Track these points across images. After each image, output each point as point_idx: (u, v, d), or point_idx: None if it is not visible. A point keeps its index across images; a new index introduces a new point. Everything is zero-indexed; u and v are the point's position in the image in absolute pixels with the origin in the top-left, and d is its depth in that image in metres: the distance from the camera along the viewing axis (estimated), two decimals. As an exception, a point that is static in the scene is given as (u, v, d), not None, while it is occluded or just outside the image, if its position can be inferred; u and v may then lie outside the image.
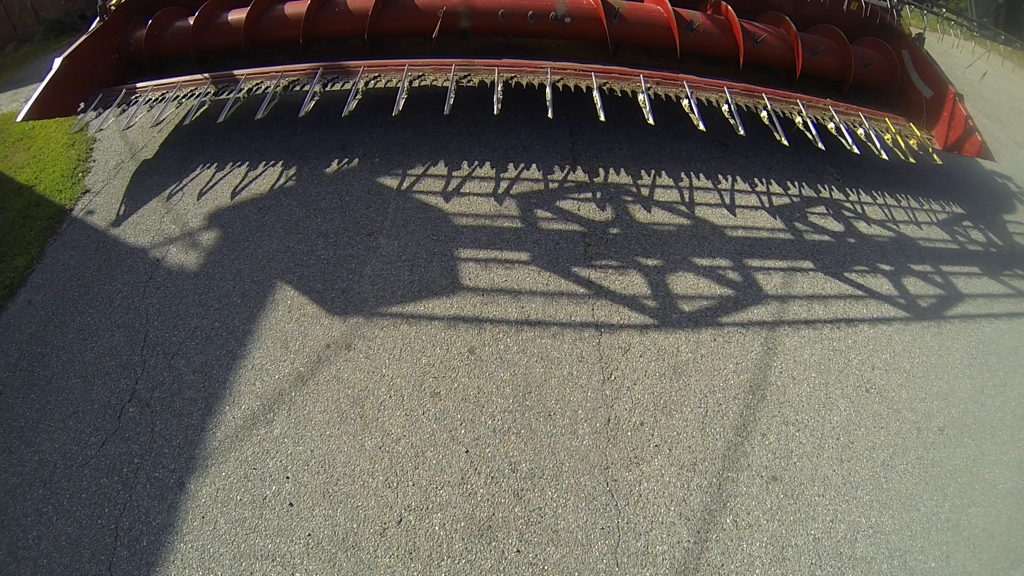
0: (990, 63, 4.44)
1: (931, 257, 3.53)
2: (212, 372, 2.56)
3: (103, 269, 3.19)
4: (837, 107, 3.70)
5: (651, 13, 3.74)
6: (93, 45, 4.10)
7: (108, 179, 4.10)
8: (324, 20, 3.76)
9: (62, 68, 3.89)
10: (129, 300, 2.94)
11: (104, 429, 2.39)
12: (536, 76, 3.36)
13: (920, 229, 3.78)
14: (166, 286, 3.00)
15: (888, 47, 4.19)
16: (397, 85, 3.31)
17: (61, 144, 5.00)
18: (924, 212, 3.98)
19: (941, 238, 3.77)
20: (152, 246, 3.28)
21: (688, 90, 3.35)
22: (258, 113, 3.36)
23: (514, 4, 3.63)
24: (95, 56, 4.11)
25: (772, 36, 3.81)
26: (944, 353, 2.87)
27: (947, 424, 2.55)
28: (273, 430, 2.34)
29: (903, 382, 2.69)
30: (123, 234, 3.44)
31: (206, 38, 3.93)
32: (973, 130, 3.80)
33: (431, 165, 3.49)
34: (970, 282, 3.40)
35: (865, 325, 2.93)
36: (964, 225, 3.99)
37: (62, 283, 3.17)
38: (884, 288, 3.17)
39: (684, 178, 3.59)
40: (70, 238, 3.56)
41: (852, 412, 2.52)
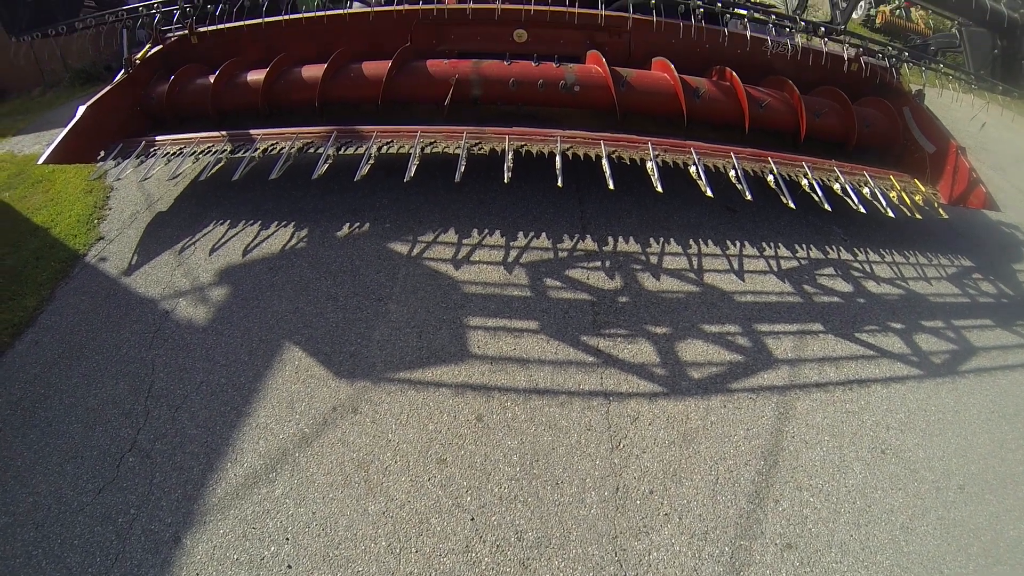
0: (989, 114, 4.53)
1: (942, 312, 3.55)
2: (215, 428, 2.58)
3: (112, 317, 3.26)
4: (842, 167, 3.80)
5: (658, 81, 3.89)
6: (116, 96, 4.29)
7: (123, 228, 4.22)
8: (339, 84, 3.93)
9: (85, 116, 4.06)
10: (136, 349, 3.00)
11: (102, 476, 2.41)
12: (546, 144, 3.48)
13: (930, 285, 3.82)
14: (174, 338, 3.05)
15: (889, 105, 4.32)
16: (409, 151, 3.43)
17: (79, 190, 5.18)
18: (933, 267, 4.03)
19: (951, 292, 3.80)
20: (162, 298, 3.36)
21: (695, 157, 3.46)
22: (272, 173, 3.49)
23: (525, 73, 3.79)
24: (118, 107, 4.30)
25: (776, 100, 3.95)
26: (960, 408, 2.87)
27: (967, 481, 2.53)
28: (275, 490, 2.35)
29: (919, 441, 2.69)
30: (134, 283, 3.53)
31: (225, 97, 4.12)
32: (977, 182, 3.88)
33: (441, 232, 3.58)
34: (983, 335, 3.41)
35: (878, 385, 2.93)
36: (974, 278, 4.03)
37: (70, 327, 3.23)
38: (896, 347, 3.19)
39: (693, 245, 3.67)
40: (81, 283, 3.64)
41: (868, 474, 2.51)
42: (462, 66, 3.83)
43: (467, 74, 3.80)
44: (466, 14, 3.95)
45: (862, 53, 4.23)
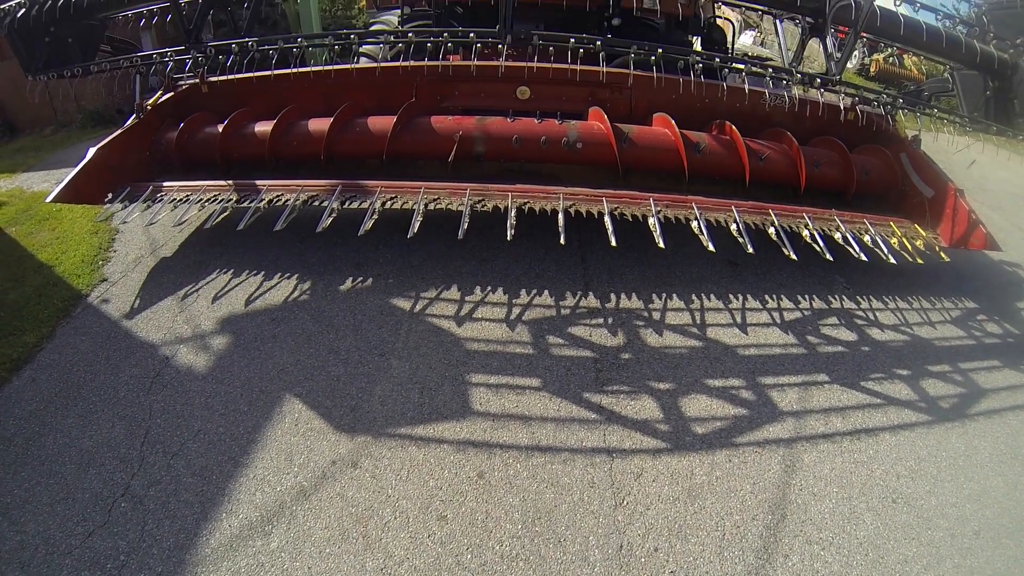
0: (985, 154, 4.61)
1: (948, 356, 3.55)
2: (212, 477, 2.56)
3: (111, 359, 3.28)
4: (842, 216, 3.86)
5: (659, 137, 3.99)
6: (127, 140, 4.39)
7: (126, 271, 4.27)
8: (345, 139, 4.02)
9: (95, 157, 4.15)
10: (134, 394, 3.00)
11: (93, 520, 2.37)
12: (549, 202, 3.55)
13: (935, 329, 3.83)
14: (173, 385, 3.06)
15: (886, 152, 4.41)
16: (413, 207, 3.50)
17: (85, 230, 5.25)
18: (937, 311, 4.05)
19: (957, 335, 3.81)
20: (163, 343, 3.37)
21: (697, 211, 3.52)
22: (277, 224, 3.55)
23: (528, 130, 3.88)
24: (127, 151, 4.40)
25: (776, 152, 4.03)
26: (971, 452, 2.85)
27: (982, 527, 2.49)
28: (270, 543, 2.31)
29: (931, 488, 2.66)
30: (135, 327, 3.55)
31: (233, 146, 4.22)
32: (977, 223, 3.93)
33: (444, 289, 3.62)
34: (991, 376, 3.41)
35: (886, 433, 2.92)
36: (979, 319, 4.04)
37: (69, 366, 3.24)
38: (903, 394, 3.18)
39: (695, 300, 3.70)
40: (83, 323, 3.66)
41: (879, 525, 2.47)
42: (466, 123, 3.93)
43: (471, 131, 3.88)
44: (470, 71, 4.03)
45: (858, 102, 4.32)
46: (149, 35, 6.33)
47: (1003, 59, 4.21)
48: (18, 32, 4.49)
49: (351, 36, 4.13)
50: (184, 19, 4.01)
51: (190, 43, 4.05)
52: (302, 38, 4.02)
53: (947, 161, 4.64)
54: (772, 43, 15.02)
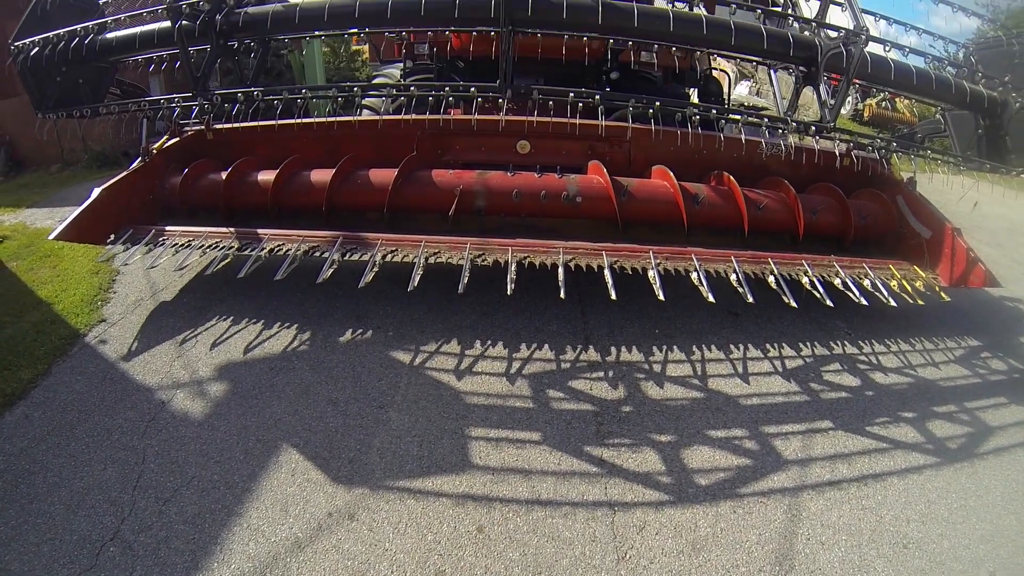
0: (979, 191, 4.68)
1: (954, 396, 3.54)
2: (204, 525, 2.52)
3: (106, 400, 3.27)
4: (841, 262, 3.90)
5: (658, 189, 4.06)
6: (131, 182, 4.47)
7: (125, 313, 4.30)
8: (346, 191, 4.09)
9: (100, 198, 4.22)
10: (128, 437, 2.98)
11: (79, 563, 2.32)
12: (549, 256, 3.60)
13: (939, 370, 3.83)
14: (168, 430, 3.04)
15: (883, 196, 4.48)
16: (413, 260, 3.54)
17: (86, 269, 5.30)
18: (940, 352, 4.05)
19: (961, 375, 3.81)
20: (159, 387, 3.37)
21: (697, 263, 3.56)
22: (278, 274, 3.60)
23: (528, 185, 3.95)
24: (132, 193, 4.47)
25: (774, 201, 4.10)
26: (982, 492, 2.82)
27: (998, 567, 2.45)
28: None
29: (943, 531, 2.61)
30: (132, 370, 3.55)
31: (235, 194, 4.29)
32: (976, 261, 3.96)
33: (444, 343, 3.64)
34: (998, 413, 3.39)
35: (894, 478, 2.88)
36: (983, 357, 4.04)
37: (63, 405, 3.23)
38: (910, 436, 3.17)
39: (696, 351, 3.71)
40: (79, 362, 3.67)
41: (891, 572, 2.41)
42: (467, 177, 4.00)
43: (471, 185, 3.95)
44: (471, 126, 4.12)
45: (853, 147, 4.43)
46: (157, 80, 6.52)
47: (992, 97, 4.31)
48: (31, 70, 4.58)
49: (354, 88, 4.23)
50: (192, 66, 4.08)
51: (197, 90, 4.12)
52: (306, 89, 4.11)
53: (943, 200, 4.71)
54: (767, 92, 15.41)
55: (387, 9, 3.74)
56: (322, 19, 3.87)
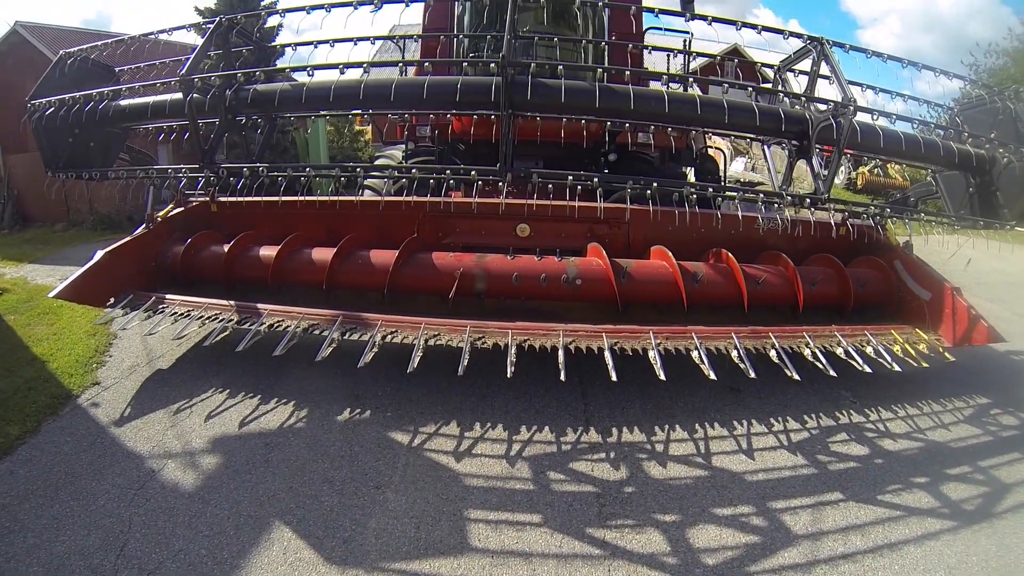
0: (975, 248, 4.68)
1: (966, 457, 3.46)
2: None
3: (94, 464, 3.19)
4: (842, 331, 3.85)
5: (657, 270, 4.07)
6: (134, 248, 4.52)
7: (120, 378, 4.25)
8: (347, 271, 4.11)
9: (102, 261, 4.25)
10: (114, 504, 2.88)
11: None
12: (548, 339, 3.57)
13: (949, 431, 3.75)
14: (156, 499, 2.94)
15: (881, 261, 4.48)
16: (413, 342, 3.51)
17: (83, 330, 5.28)
18: (949, 413, 3.98)
19: (972, 434, 3.73)
20: (150, 456, 3.29)
21: (697, 341, 3.54)
22: (276, 350, 3.56)
23: (528, 268, 3.96)
24: (134, 259, 4.51)
25: (772, 275, 4.10)
26: (1003, 552, 2.70)
27: None
28: None
29: None
30: (123, 435, 3.48)
31: (237, 267, 4.32)
32: (978, 318, 3.93)
33: (443, 424, 3.59)
34: (1013, 470, 3.32)
35: (910, 546, 2.75)
36: (992, 414, 3.97)
37: (50, 465, 3.16)
38: (924, 502, 3.06)
39: (698, 429, 3.65)
40: (69, 423, 3.62)
41: None
42: (467, 260, 4.00)
43: (471, 268, 3.95)
44: (471, 209, 4.15)
45: (848, 217, 4.45)
46: (166, 149, 6.69)
47: (980, 155, 4.37)
48: (45, 128, 4.70)
49: (357, 169, 4.28)
50: (201, 139, 4.16)
51: (204, 162, 4.19)
52: (310, 168, 4.20)
53: (940, 260, 4.74)
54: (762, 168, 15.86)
55: (391, 92, 3.83)
56: (328, 99, 3.94)
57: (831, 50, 4.11)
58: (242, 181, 4.20)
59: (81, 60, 5.00)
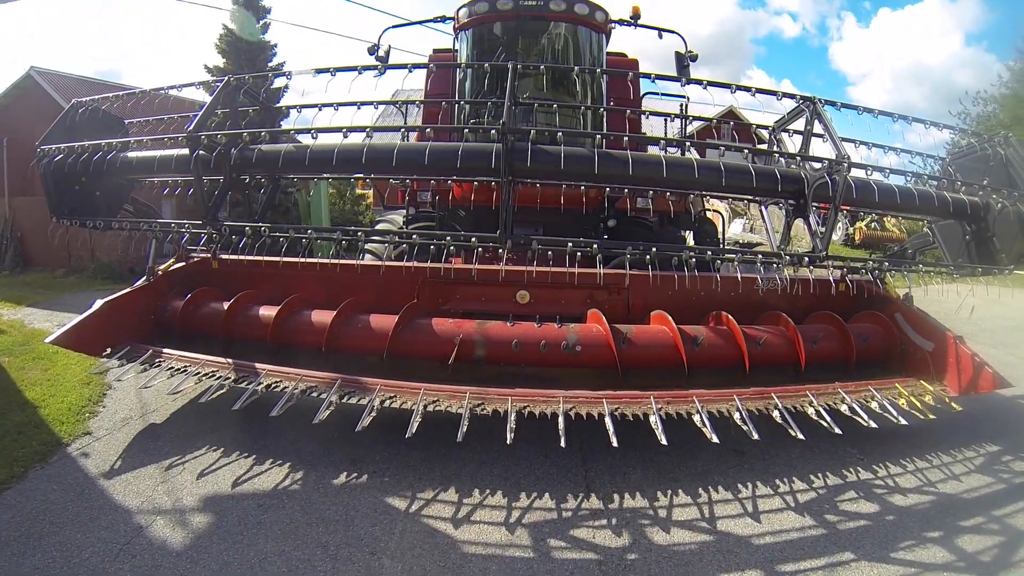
0: (975, 295, 4.68)
1: (979, 507, 3.40)
2: None
3: (81, 516, 3.12)
4: (846, 388, 3.83)
5: (657, 334, 4.06)
6: (134, 300, 4.54)
7: (112, 429, 4.19)
8: (346, 334, 4.10)
9: (101, 310, 4.26)
10: (99, 558, 2.79)
11: None
12: (549, 405, 3.54)
13: (960, 482, 3.70)
14: (143, 556, 2.84)
15: (882, 316, 4.49)
16: (412, 407, 3.49)
17: (78, 378, 5.23)
18: (959, 463, 3.94)
19: (984, 483, 3.69)
20: (138, 511, 3.21)
21: (699, 405, 3.51)
22: (273, 410, 3.52)
23: (527, 335, 3.96)
24: (133, 310, 4.53)
25: (773, 335, 4.10)
26: None
27: None
28: None
29: None
30: (112, 488, 3.41)
31: (236, 325, 4.32)
32: (982, 365, 3.91)
33: (441, 490, 3.53)
34: None
35: None
36: (1004, 461, 3.92)
37: (35, 513, 3.09)
38: (939, 556, 2.97)
39: (702, 493, 3.59)
40: (58, 471, 3.57)
41: None
42: (466, 327, 4.00)
43: (471, 335, 3.95)
44: (471, 275, 4.21)
45: (847, 273, 4.50)
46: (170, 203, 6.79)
47: (975, 203, 4.41)
48: (53, 174, 4.75)
49: (358, 233, 4.30)
50: (205, 195, 4.21)
51: (207, 219, 4.23)
52: (312, 230, 4.23)
53: (942, 310, 4.73)
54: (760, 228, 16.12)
55: (392, 157, 3.89)
56: (331, 162, 4.01)
57: (823, 108, 4.21)
58: (244, 240, 4.24)
59: (92, 110, 5.12)
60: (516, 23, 5.88)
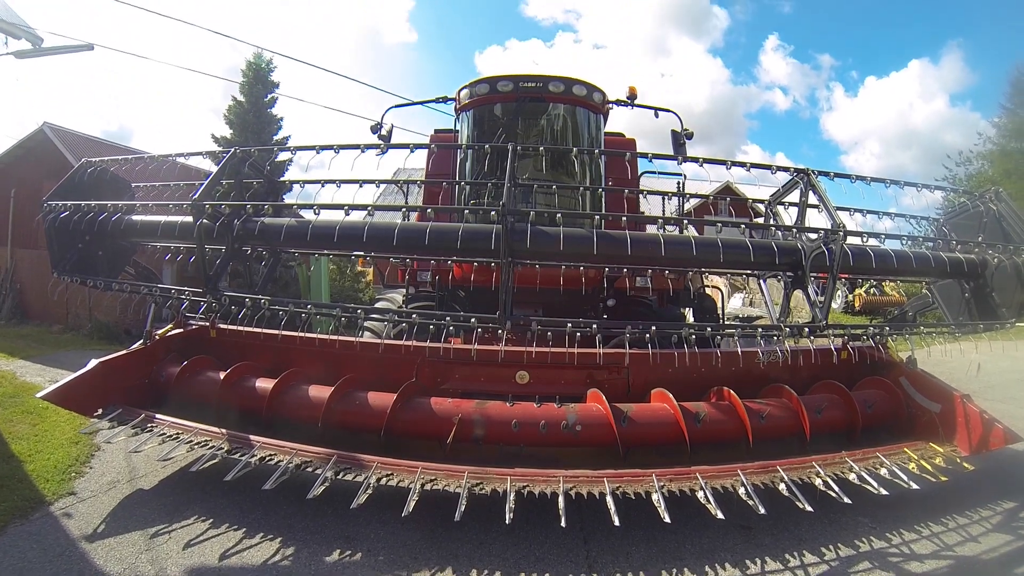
0: (979, 352, 4.65)
1: (999, 567, 3.34)
2: None
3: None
4: (853, 456, 3.77)
5: (658, 412, 4.04)
6: (129, 362, 4.52)
7: (98, 492, 4.10)
8: (344, 410, 4.07)
9: (95, 370, 4.24)
10: None
11: None
12: (549, 485, 3.49)
13: (978, 543, 3.61)
14: None
15: (886, 380, 4.48)
16: (409, 486, 3.43)
17: (66, 436, 5.13)
18: (976, 524, 3.85)
19: (1003, 542, 3.60)
20: None
21: (702, 481, 3.46)
22: (267, 484, 3.45)
23: (527, 415, 3.93)
24: (128, 373, 4.50)
25: (776, 408, 4.07)
26: None
27: None
28: None
29: None
30: (93, 552, 3.31)
31: (231, 396, 4.27)
32: (992, 422, 3.88)
33: (438, 570, 3.41)
34: None
35: None
36: (1022, 517, 3.87)
37: (11, 571, 3.04)
38: None
39: (708, 571, 3.47)
40: (38, 529, 3.50)
41: None
42: (465, 406, 3.98)
43: (470, 414, 3.92)
44: (471, 355, 4.21)
45: (848, 341, 4.50)
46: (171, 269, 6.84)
47: (971, 260, 4.44)
48: (57, 230, 4.78)
49: (358, 311, 4.31)
50: (206, 263, 4.23)
51: (208, 287, 4.23)
52: (311, 305, 4.22)
53: (946, 369, 4.71)
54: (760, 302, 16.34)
55: (393, 236, 3.93)
56: (332, 239, 4.05)
57: (817, 179, 4.30)
58: (244, 311, 4.26)
59: (101, 170, 5.21)
60: (516, 104, 6.06)
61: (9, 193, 15.15)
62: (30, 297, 14.28)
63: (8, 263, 14.74)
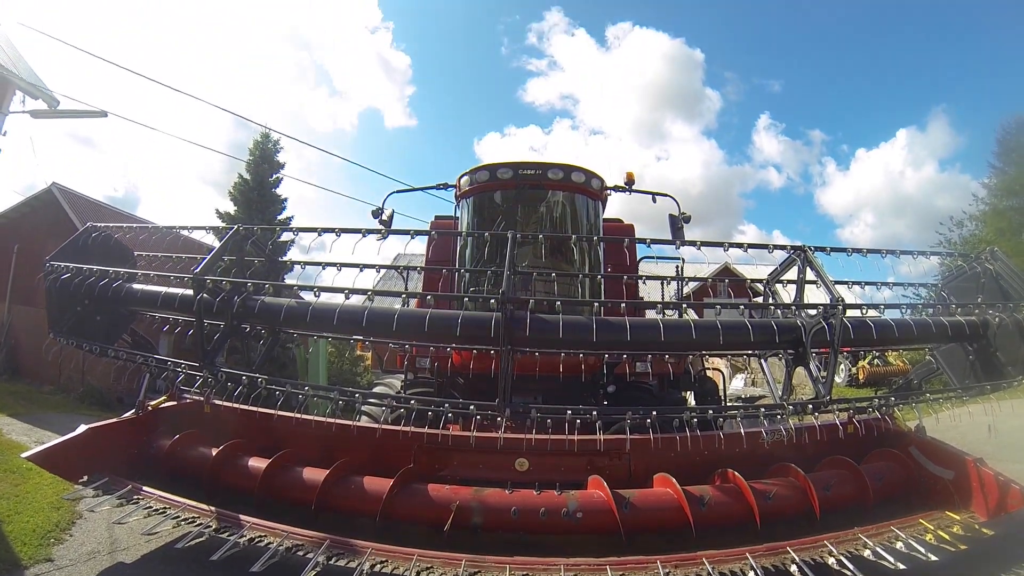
0: (988, 413, 4.57)
1: None
2: None
3: None
4: (866, 532, 3.65)
5: (661, 498, 3.96)
6: (120, 431, 4.45)
7: (76, 561, 3.98)
8: (338, 494, 3.99)
9: (84, 435, 4.16)
10: None
11: None
12: (549, 573, 3.39)
13: None
14: None
15: (895, 452, 4.40)
16: (404, 573, 3.33)
17: (48, 500, 5.01)
18: None
19: None
20: None
21: (708, 567, 3.34)
22: (255, 566, 3.33)
23: (526, 502, 3.86)
24: (117, 442, 4.42)
25: (783, 487, 3.99)
26: None
27: None
28: None
29: None
30: None
31: (223, 473, 4.20)
32: (1008, 484, 3.80)
33: None
34: None
35: None
36: None
37: None
38: None
39: None
40: None
41: None
42: (463, 493, 3.92)
43: (468, 501, 3.85)
44: (469, 442, 4.17)
45: (853, 414, 4.42)
46: (168, 340, 6.88)
47: (972, 322, 4.45)
48: (57, 291, 4.81)
49: (356, 395, 4.32)
50: (204, 338, 4.24)
51: (204, 362, 4.24)
52: (309, 387, 4.22)
53: (957, 433, 4.58)
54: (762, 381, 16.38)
55: (393, 321, 3.98)
56: (331, 322, 4.09)
57: (814, 256, 4.38)
58: (240, 388, 4.22)
59: (105, 236, 5.32)
60: (515, 192, 6.22)
61: (12, 248, 15.37)
62: (24, 354, 14.22)
63: (5, 318, 14.75)
